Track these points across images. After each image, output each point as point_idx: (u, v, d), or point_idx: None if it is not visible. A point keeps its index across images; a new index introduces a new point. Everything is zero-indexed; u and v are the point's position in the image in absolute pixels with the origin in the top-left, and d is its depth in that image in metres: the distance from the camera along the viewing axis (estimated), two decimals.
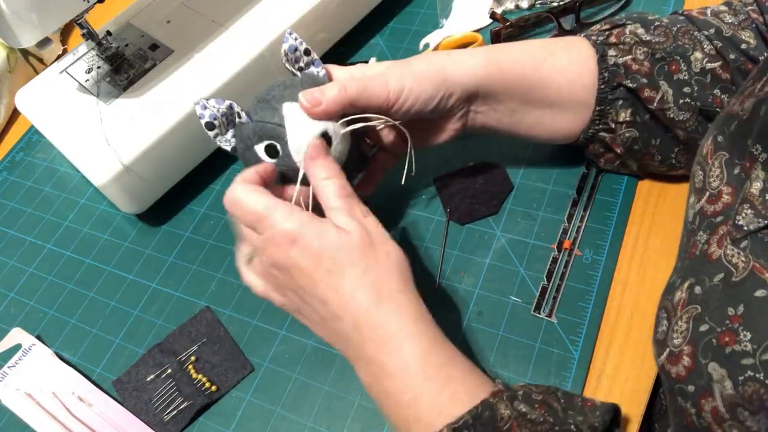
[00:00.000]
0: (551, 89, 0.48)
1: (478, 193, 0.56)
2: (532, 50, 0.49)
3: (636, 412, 0.44)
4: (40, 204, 0.67)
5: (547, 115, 0.50)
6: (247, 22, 0.63)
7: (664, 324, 0.36)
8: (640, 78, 0.46)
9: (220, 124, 0.46)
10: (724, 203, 0.35)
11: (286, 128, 0.45)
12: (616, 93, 0.47)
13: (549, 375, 0.46)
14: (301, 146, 0.45)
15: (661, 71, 0.46)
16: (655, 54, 0.46)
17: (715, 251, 0.34)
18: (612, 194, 0.54)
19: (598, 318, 0.48)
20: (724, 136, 0.37)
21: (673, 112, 0.46)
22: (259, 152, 0.46)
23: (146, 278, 0.59)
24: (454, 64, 0.47)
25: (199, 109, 0.46)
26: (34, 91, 0.64)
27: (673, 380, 0.34)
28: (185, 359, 0.53)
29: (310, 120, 0.45)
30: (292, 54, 0.48)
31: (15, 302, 0.61)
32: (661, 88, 0.46)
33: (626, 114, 0.48)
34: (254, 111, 0.46)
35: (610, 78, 0.47)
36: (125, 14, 0.67)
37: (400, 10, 0.73)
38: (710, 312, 0.33)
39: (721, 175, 0.36)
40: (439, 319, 0.50)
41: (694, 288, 0.35)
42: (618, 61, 0.47)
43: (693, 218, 0.38)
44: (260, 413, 0.50)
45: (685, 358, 0.33)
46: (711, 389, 0.31)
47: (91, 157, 0.57)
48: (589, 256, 0.51)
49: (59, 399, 0.53)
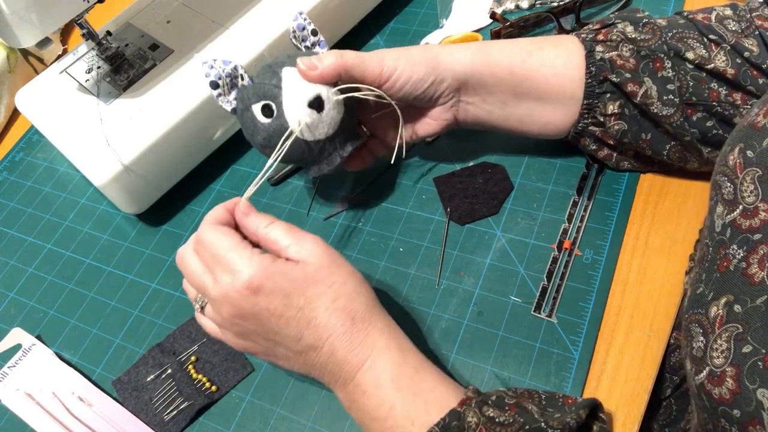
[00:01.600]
0: (539, 81, 0.49)
1: (478, 193, 0.56)
2: (521, 44, 0.50)
3: (636, 412, 0.44)
4: (40, 204, 0.67)
5: (537, 107, 0.50)
6: (247, 22, 0.63)
7: (700, 340, 0.36)
8: (624, 73, 0.47)
9: (223, 84, 0.49)
10: (762, 220, 0.34)
11: (282, 89, 0.47)
12: (603, 87, 0.48)
13: (549, 375, 0.46)
14: (294, 107, 0.47)
15: (646, 68, 0.47)
16: (641, 51, 0.47)
17: (756, 273, 0.33)
18: (612, 194, 0.54)
19: (598, 318, 0.48)
20: (754, 151, 0.36)
21: (657, 107, 0.47)
22: (256, 112, 0.48)
23: (146, 278, 0.59)
24: (446, 54, 0.50)
25: (206, 68, 0.49)
26: (34, 91, 0.64)
27: (716, 402, 0.33)
28: (185, 359, 0.53)
29: (306, 83, 0.47)
30: (300, 32, 0.51)
31: (15, 302, 0.61)
32: (644, 84, 0.47)
33: (614, 107, 0.48)
34: (258, 75, 0.50)
35: (597, 72, 0.48)
36: (125, 14, 0.67)
37: (400, 10, 0.73)
38: (753, 332, 0.32)
39: (756, 191, 0.35)
40: (439, 319, 0.50)
41: (733, 306, 0.34)
42: (605, 56, 0.48)
43: (723, 229, 0.37)
44: (260, 413, 0.50)
45: (729, 380, 0.33)
46: (761, 417, 0.30)
47: (91, 157, 0.57)
48: (589, 256, 0.51)
49: (59, 399, 0.53)
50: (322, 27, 0.65)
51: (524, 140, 0.58)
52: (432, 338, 0.50)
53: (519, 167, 0.57)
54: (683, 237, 0.50)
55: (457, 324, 0.50)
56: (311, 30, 0.51)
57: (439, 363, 0.49)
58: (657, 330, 0.47)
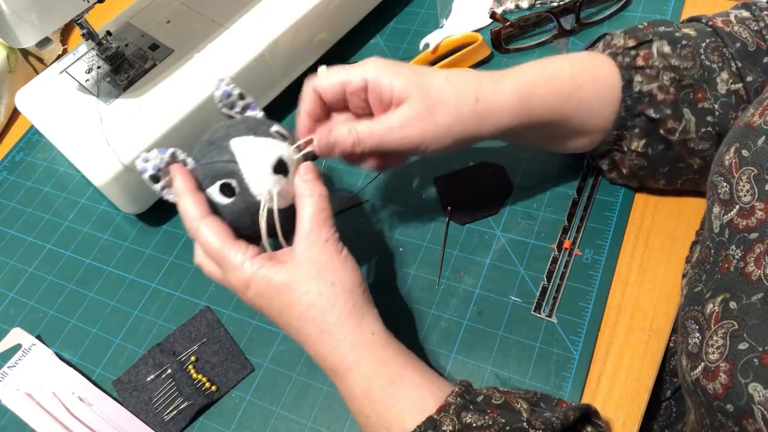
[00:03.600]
0: (574, 123, 0.47)
1: (478, 193, 0.56)
2: (560, 85, 0.46)
3: (636, 412, 0.44)
4: (40, 204, 0.67)
5: (565, 139, 0.49)
6: (247, 22, 0.63)
7: (696, 336, 0.36)
8: (664, 109, 0.45)
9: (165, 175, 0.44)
10: (759, 219, 0.34)
11: (239, 162, 0.42)
12: (635, 121, 0.47)
13: (549, 375, 0.46)
14: (259, 178, 0.42)
15: (686, 98, 0.45)
16: (682, 81, 0.45)
17: (753, 271, 0.34)
18: (612, 194, 0.54)
19: (598, 318, 0.48)
20: (749, 150, 0.36)
21: (694, 142, 0.46)
22: (214, 195, 0.43)
23: (146, 278, 0.59)
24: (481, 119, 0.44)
25: (140, 163, 0.43)
26: (34, 91, 0.64)
27: (710, 397, 0.34)
28: (185, 359, 0.53)
29: (262, 150, 0.43)
30: (226, 100, 0.47)
31: (15, 302, 0.61)
32: (684, 117, 0.45)
33: (639, 144, 0.47)
34: (200, 155, 0.44)
35: (632, 105, 0.46)
36: (125, 14, 0.67)
37: (400, 10, 0.73)
38: (749, 329, 0.32)
39: (752, 191, 0.35)
40: (439, 319, 0.50)
41: (729, 303, 0.34)
42: (643, 89, 0.45)
43: (721, 230, 0.37)
44: (260, 413, 0.50)
45: (722, 375, 0.33)
46: (751, 411, 0.31)
47: (91, 157, 0.57)
48: (589, 256, 0.51)
49: (59, 399, 0.53)
50: (322, 27, 0.65)
51: None
52: (432, 338, 0.50)
53: (519, 167, 0.57)
54: (683, 237, 0.50)
55: (457, 324, 0.50)
56: (238, 94, 0.47)
57: (439, 363, 0.49)
58: (657, 330, 0.47)
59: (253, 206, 0.43)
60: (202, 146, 0.44)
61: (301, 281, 0.40)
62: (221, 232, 0.42)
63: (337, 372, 0.40)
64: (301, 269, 0.41)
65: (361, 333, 0.40)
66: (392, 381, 0.39)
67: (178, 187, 0.43)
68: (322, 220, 0.42)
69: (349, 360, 0.40)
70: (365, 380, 0.39)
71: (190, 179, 0.43)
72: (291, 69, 0.65)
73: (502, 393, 0.40)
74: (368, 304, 0.42)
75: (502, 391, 0.40)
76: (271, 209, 0.43)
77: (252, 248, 0.42)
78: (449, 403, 0.38)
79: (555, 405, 0.40)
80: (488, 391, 0.40)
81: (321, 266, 0.41)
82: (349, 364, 0.39)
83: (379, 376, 0.39)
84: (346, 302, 0.41)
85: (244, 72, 0.60)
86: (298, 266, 0.41)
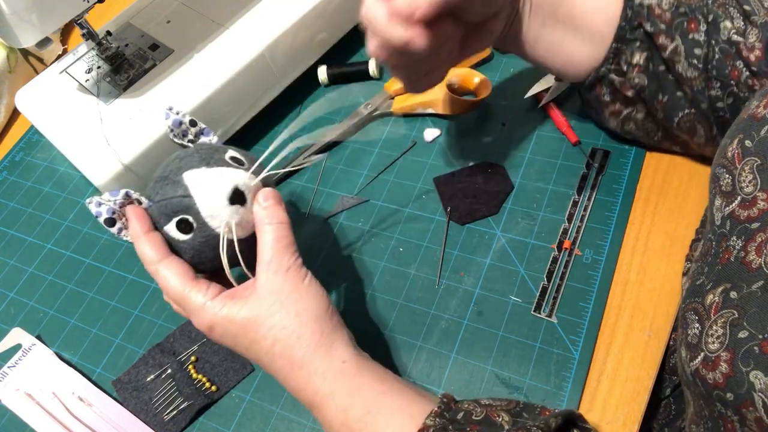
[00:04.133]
0: (577, 10, 0.48)
1: (478, 193, 0.56)
2: None
3: (636, 412, 0.44)
4: (40, 204, 0.67)
5: (568, 36, 0.49)
6: (247, 22, 0.63)
7: (695, 327, 0.36)
8: (659, 23, 0.46)
9: (120, 217, 0.43)
10: (760, 209, 0.34)
11: (193, 197, 0.41)
12: (635, 33, 0.47)
13: (549, 375, 0.46)
14: (215, 211, 0.41)
15: (679, 26, 0.46)
16: (680, 8, 0.46)
17: (754, 259, 0.34)
18: (612, 194, 0.54)
19: (598, 318, 0.48)
20: (752, 141, 0.36)
21: (682, 66, 0.46)
22: (171, 232, 0.42)
23: (146, 278, 0.59)
24: None
25: (94, 208, 0.42)
26: (34, 91, 0.64)
27: (710, 386, 0.34)
28: (185, 359, 0.53)
29: (216, 181, 0.41)
30: (177, 128, 0.46)
31: (15, 302, 0.61)
32: (675, 41, 0.46)
33: (640, 57, 0.48)
34: (154, 192, 0.43)
35: (632, 16, 0.47)
36: (125, 14, 0.67)
37: None
38: (749, 317, 0.32)
39: (755, 181, 0.35)
40: (439, 319, 0.50)
41: (729, 293, 0.34)
42: (644, 2, 0.47)
43: (722, 222, 0.37)
44: (260, 413, 0.50)
45: (723, 365, 0.33)
46: (752, 399, 0.31)
47: (91, 157, 0.57)
48: (589, 256, 0.51)
49: (59, 399, 0.53)
50: (322, 27, 0.65)
51: (524, 140, 0.58)
52: (432, 338, 0.50)
53: (519, 167, 0.57)
54: (683, 237, 0.50)
55: (457, 324, 0.50)
56: (189, 121, 0.46)
57: (439, 363, 0.49)
58: (657, 330, 0.47)
59: (212, 239, 0.42)
60: (155, 182, 0.43)
61: (264, 316, 0.40)
62: (180, 273, 0.41)
63: (313, 404, 0.40)
64: (263, 303, 0.40)
65: (332, 363, 0.40)
66: (369, 410, 0.38)
67: (133, 229, 0.42)
68: (283, 248, 0.41)
69: (323, 392, 0.39)
70: (341, 413, 0.39)
71: (144, 220, 0.42)
72: (291, 69, 0.65)
73: (483, 407, 0.39)
74: (338, 330, 0.41)
75: (483, 404, 0.40)
76: (232, 241, 0.42)
77: (213, 287, 0.41)
78: (427, 426, 0.37)
79: (538, 413, 0.39)
80: (469, 406, 0.39)
81: (284, 297, 0.40)
82: (323, 397, 0.39)
83: (354, 407, 0.39)
84: (313, 332, 0.40)
85: (244, 72, 0.60)
86: (260, 300, 0.40)
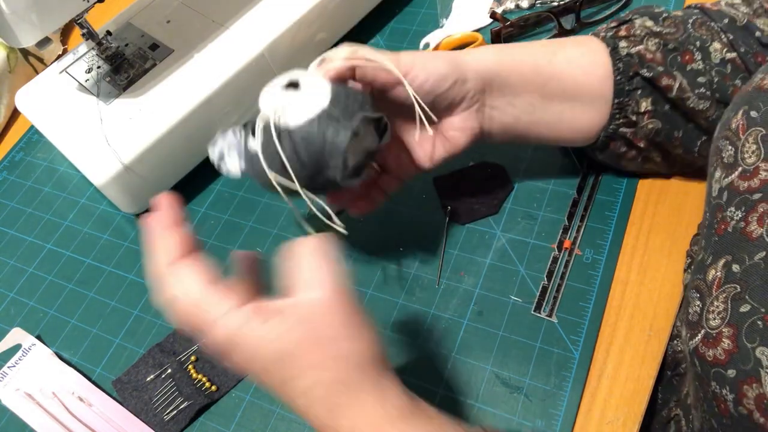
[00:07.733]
0: (567, 81, 0.47)
1: (478, 193, 0.56)
2: (543, 44, 0.49)
3: (636, 412, 0.44)
4: (40, 204, 0.67)
5: (567, 109, 0.48)
6: (247, 22, 0.63)
7: (696, 305, 0.35)
8: (656, 67, 0.45)
9: None
10: (762, 180, 0.34)
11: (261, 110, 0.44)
12: (633, 83, 0.47)
13: (549, 375, 0.46)
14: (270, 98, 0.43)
15: (674, 62, 0.45)
16: (668, 45, 0.45)
17: (755, 230, 0.33)
18: (612, 194, 0.54)
19: (598, 318, 0.48)
20: (758, 111, 0.36)
21: (693, 101, 0.45)
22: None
23: (146, 278, 0.59)
24: (467, 53, 0.47)
25: None
26: (34, 91, 0.64)
27: (709, 364, 0.33)
28: (185, 359, 0.53)
29: None
30: None
31: (15, 302, 0.61)
32: (677, 78, 0.45)
33: (647, 103, 0.47)
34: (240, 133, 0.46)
35: (625, 68, 0.46)
36: (125, 14, 0.67)
37: (400, 10, 0.73)
38: (751, 291, 0.32)
39: (758, 152, 0.35)
40: (439, 319, 0.50)
41: (731, 266, 0.34)
42: (631, 51, 0.46)
43: (719, 193, 0.37)
44: (260, 413, 0.50)
45: (725, 341, 0.32)
46: (758, 375, 0.30)
47: (91, 157, 0.57)
48: (590, 255, 0.51)
49: (59, 399, 0.53)
50: (322, 27, 0.65)
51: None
52: (432, 338, 0.50)
53: (519, 167, 0.57)
54: (683, 237, 0.50)
55: (457, 324, 0.50)
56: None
57: (439, 363, 0.49)
58: (657, 330, 0.47)
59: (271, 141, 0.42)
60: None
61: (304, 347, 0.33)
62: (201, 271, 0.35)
63: None
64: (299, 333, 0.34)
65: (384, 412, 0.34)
66: None
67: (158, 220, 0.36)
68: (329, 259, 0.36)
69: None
70: None
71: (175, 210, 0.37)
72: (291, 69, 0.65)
73: None
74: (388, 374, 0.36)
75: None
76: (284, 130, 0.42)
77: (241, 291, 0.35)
78: None
79: None
80: None
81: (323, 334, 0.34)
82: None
83: None
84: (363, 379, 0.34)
85: (244, 72, 0.60)
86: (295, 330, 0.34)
